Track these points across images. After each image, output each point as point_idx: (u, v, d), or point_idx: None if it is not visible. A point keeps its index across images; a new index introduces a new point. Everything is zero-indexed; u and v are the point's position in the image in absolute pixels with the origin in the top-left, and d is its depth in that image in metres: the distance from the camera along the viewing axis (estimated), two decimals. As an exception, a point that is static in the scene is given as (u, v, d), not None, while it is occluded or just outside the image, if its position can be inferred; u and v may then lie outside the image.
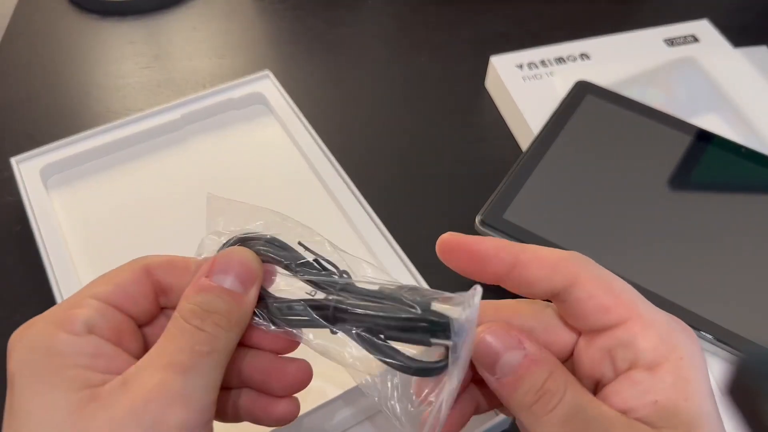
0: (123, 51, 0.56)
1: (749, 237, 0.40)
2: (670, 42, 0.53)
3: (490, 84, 0.53)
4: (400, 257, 0.40)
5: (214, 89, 0.48)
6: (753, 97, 0.49)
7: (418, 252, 0.40)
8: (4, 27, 0.58)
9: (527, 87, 0.50)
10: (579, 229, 0.40)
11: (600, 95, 0.47)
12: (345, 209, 0.42)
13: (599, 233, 0.40)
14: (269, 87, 0.48)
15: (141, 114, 0.46)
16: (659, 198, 0.42)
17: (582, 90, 0.47)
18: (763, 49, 0.53)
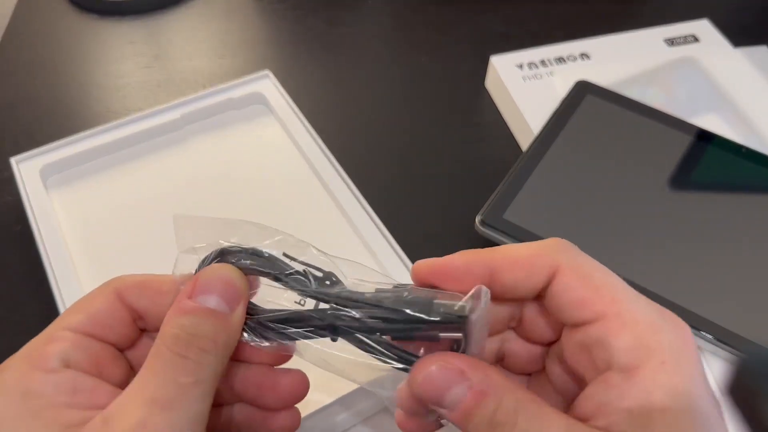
0: (123, 51, 0.56)
1: (749, 237, 0.40)
2: (670, 42, 0.53)
3: (490, 84, 0.53)
4: (400, 257, 0.40)
5: (213, 89, 0.47)
6: (753, 97, 0.49)
7: (418, 252, 0.40)
8: (3, 27, 0.58)
9: (527, 87, 0.50)
10: (579, 229, 0.40)
11: (600, 95, 0.47)
12: (345, 209, 0.42)
13: (599, 233, 0.40)
14: (269, 87, 0.48)
15: (141, 114, 0.46)
16: (659, 198, 0.42)
17: (582, 90, 0.47)
18: (763, 49, 0.52)
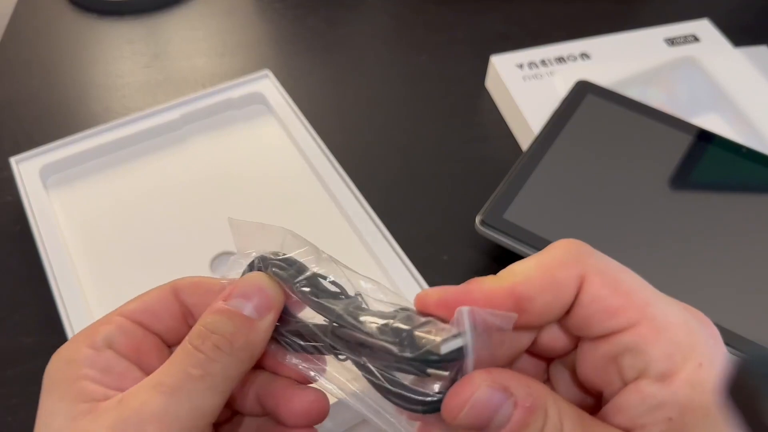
0: (122, 50, 0.56)
1: (750, 237, 0.39)
2: (670, 42, 0.53)
3: (490, 84, 0.53)
4: (400, 257, 0.39)
5: (213, 89, 0.47)
6: (753, 97, 0.49)
7: (418, 252, 0.40)
8: (3, 27, 0.58)
9: (527, 87, 0.50)
10: (579, 229, 0.40)
11: (600, 95, 0.47)
12: (345, 209, 0.42)
13: (599, 233, 0.40)
14: (269, 87, 0.48)
15: (140, 114, 0.46)
16: (659, 198, 0.42)
17: (582, 90, 0.47)
18: (763, 49, 0.52)
